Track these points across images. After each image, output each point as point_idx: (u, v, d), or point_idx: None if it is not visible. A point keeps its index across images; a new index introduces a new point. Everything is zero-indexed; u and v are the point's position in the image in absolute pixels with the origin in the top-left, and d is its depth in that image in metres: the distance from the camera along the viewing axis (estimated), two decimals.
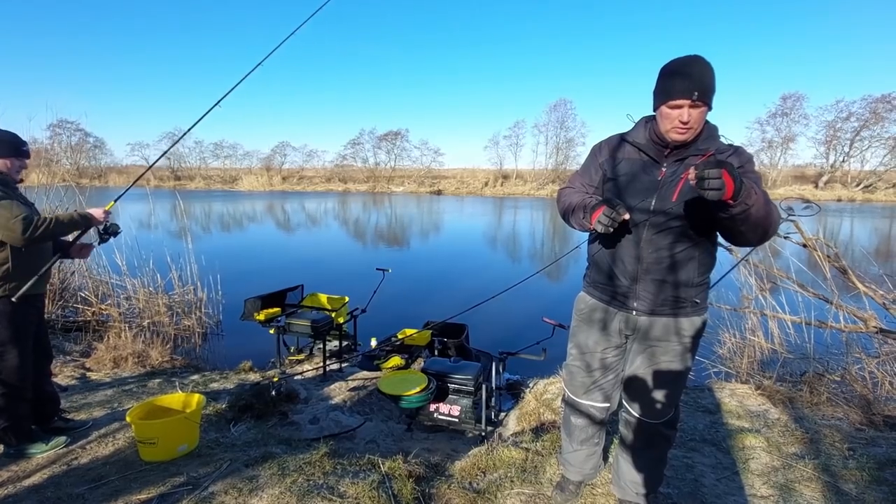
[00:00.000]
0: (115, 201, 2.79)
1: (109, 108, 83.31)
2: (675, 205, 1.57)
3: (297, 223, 20.00)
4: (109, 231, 2.68)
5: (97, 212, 2.55)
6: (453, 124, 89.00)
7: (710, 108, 1.53)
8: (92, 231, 2.71)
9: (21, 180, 2.60)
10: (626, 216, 1.55)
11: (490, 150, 64.89)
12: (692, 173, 1.32)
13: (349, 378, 4.35)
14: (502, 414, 3.66)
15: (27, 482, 2.24)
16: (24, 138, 2.61)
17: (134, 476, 2.27)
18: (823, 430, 2.69)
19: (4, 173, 2.44)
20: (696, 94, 1.46)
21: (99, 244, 2.78)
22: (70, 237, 2.69)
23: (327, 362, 4.55)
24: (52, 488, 2.18)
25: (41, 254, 2.49)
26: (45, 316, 4.64)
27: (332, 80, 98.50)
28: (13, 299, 2.33)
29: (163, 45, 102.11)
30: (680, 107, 1.49)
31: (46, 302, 5.09)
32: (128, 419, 2.48)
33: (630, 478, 1.93)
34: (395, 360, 4.15)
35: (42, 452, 2.50)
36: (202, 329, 5.96)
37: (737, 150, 1.60)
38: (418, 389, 3.04)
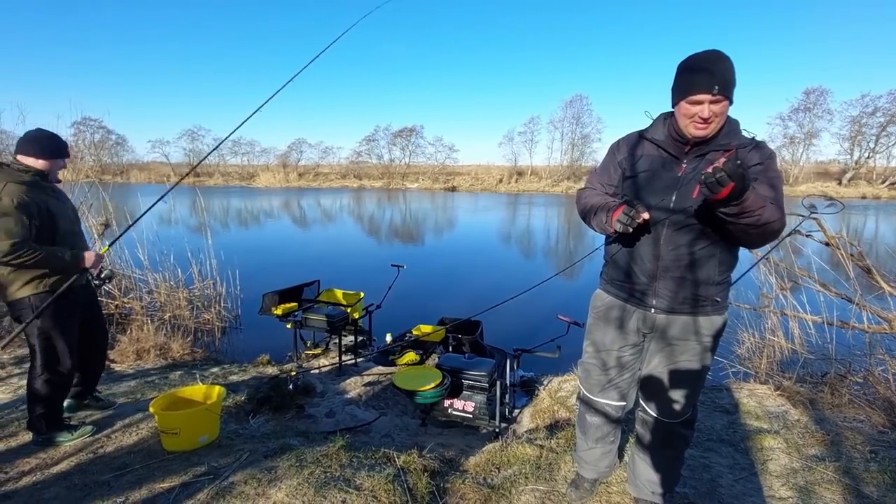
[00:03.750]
0: (109, 246, 2.83)
1: (131, 105, 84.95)
2: (695, 202, 1.54)
3: (313, 219, 20.20)
4: (102, 278, 2.72)
5: (89, 256, 2.51)
6: (468, 121, 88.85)
7: (731, 103, 1.50)
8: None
9: (59, 181, 2.66)
10: (646, 216, 1.53)
11: (505, 147, 64.68)
12: (720, 162, 1.29)
13: (364, 373, 4.40)
14: (516, 411, 3.66)
15: (55, 469, 2.32)
16: None
17: (157, 465, 2.34)
18: (845, 432, 2.64)
19: (45, 174, 2.48)
20: (716, 88, 1.43)
21: (99, 284, 2.79)
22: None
23: (343, 357, 4.60)
24: (79, 475, 2.25)
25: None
26: None
27: (347, 78, 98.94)
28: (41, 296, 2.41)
29: (181, 42, 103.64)
30: (700, 102, 1.47)
31: None
32: (151, 410, 2.55)
33: (646, 477, 1.92)
34: (410, 356, 4.18)
35: (68, 441, 2.58)
36: (221, 323, 6.07)
37: (758, 146, 1.57)
38: (433, 385, 3.06)
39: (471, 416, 3.27)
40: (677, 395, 1.74)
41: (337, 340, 4.74)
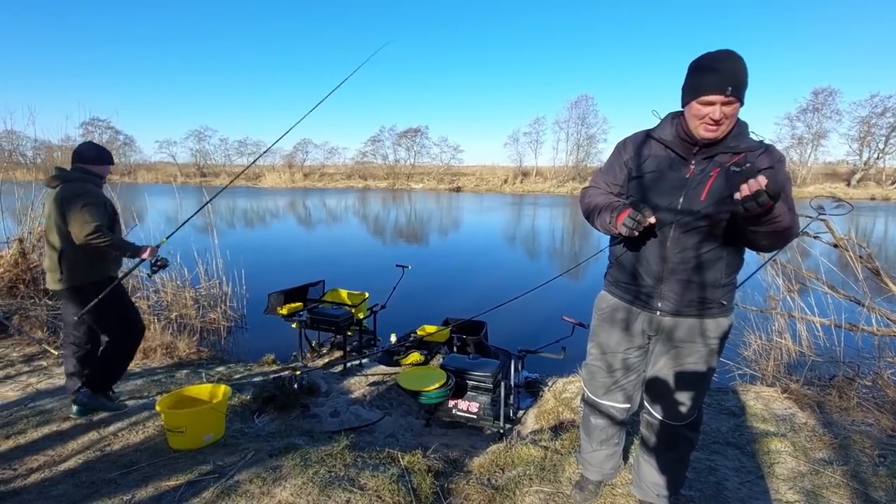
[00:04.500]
0: (167, 238, 3.19)
1: (138, 105, 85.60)
2: (703, 204, 1.52)
3: (318, 219, 20.27)
4: (157, 265, 3.09)
5: (148, 250, 2.97)
6: (473, 121, 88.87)
7: (742, 104, 1.48)
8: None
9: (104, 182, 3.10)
10: (652, 220, 1.52)
11: (510, 147, 64.69)
12: (756, 184, 1.25)
13: (369, 373, 4.40)
14: (521, 412, 3.66)
15: (63, 466, 2.34)
16: (60, 136, 2.86)
17: (163, 463, 2.35)
18: (853, 436, 2.61)
19: (101, 177, 2.96)
20: (729, 89, 1.41)
21: (149, 276, 3.20)
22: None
23: (348, 357, 4.62)
24: (87, 473, 2.27)
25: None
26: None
27: (352, 79, 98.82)
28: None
29: (186, 43, 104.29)
30: (712, 103, 1.45)
31: None
32: (157, 408, 2.57)
33: (651, 479, 1.91)
34: (415, 356, 4.18)
35: (109, 411, 2.88)
36: (227, 322, 6.10)
37: (768, 150, 1.54)
38: (437, 385, 3.06)
39: (475, 416, 3.27)
40: (683, 398, 1.73)
41: (342, 340, 4.76)
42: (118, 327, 2.94)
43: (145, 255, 2.95)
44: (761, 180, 1.25)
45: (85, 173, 2.85)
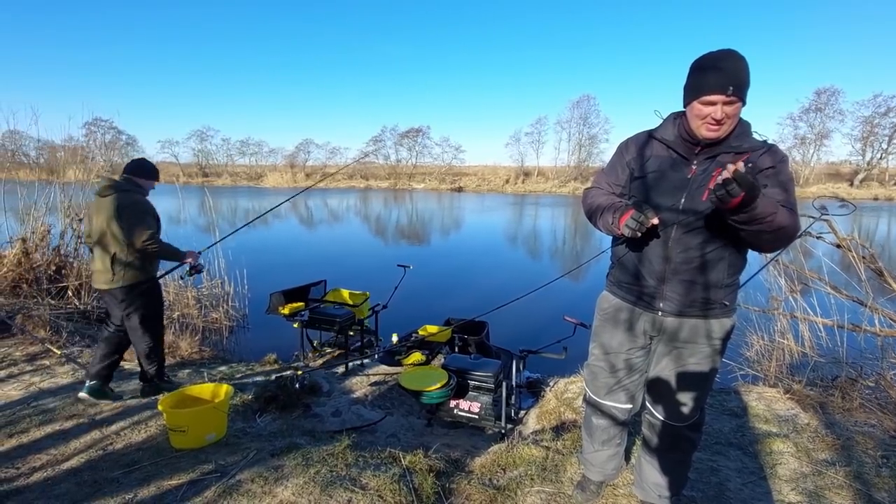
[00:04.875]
0: (209, 248, 3.77)
1: (140, 105, 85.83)
2: (705, 204, 1.52)
3: (320, 219, 20.29)
4: (195, 269, 3.46)
5: (192, 254, 3.39)
6: (475, 121, 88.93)
7: (744, 104, 1.48)
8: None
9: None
10: (655, 221, 1.51)
11: (511, 147, 64.50)
12: (727, 173, 1.26)
13: (370, 373, 4.41)
14: (522, 412, 3.65)
15: (65, 466, 2.34)
16: (63, 136, 2.96)
17: (165, 462, 2.36)
18: (856, 437, 2.61)
19: (148, 190, 3.31)
20: (731, 88, 1.41)
21: (189, 276, 3.56)
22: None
23: (349, 357, 4.62)
24: (89, 472, 2.28)
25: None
26: (82, 307, 4.90)
27: (354, 79, 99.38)
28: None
29: (187, 44, 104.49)
30: (713, 103, 1.45)
31: (83, 293, 5.35)
32: (159, 407, 2.57)
33: (653, 480, 1.91)
34: (416, 356, 4.18)
35: (170, 391, 3.14)
36: (229, 322, 6.11)
37: (770, 149, 1.54)
38: (439, 385, 3.06)
39: (476, 416, 3.27)
40: (685, 399, 1.72)
41: (343, 340, 4.76)
42: (159, 321, 3.35)
43: (189, 260, 3.35)
44: (730, 168, 1.24)
45: (134, 185, 3.18)
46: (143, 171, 3.26)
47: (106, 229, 3.01)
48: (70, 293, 5.38)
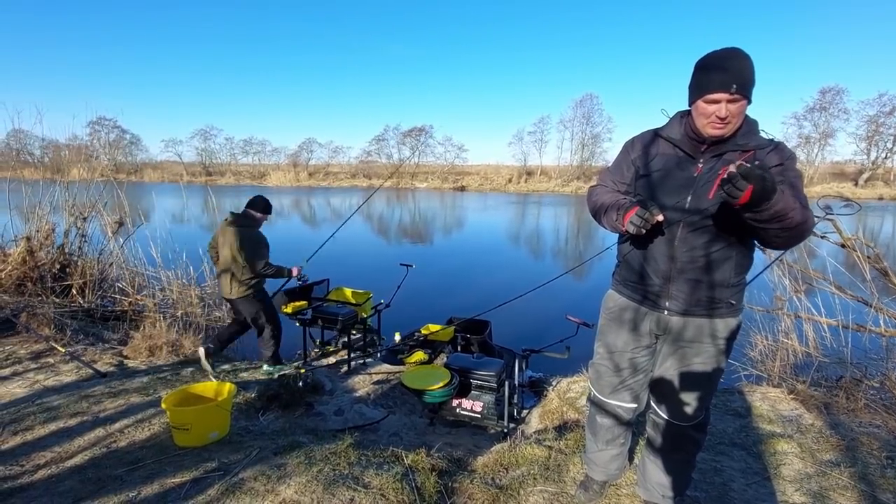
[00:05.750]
0: (307, 261, 4.63)
1: (144, 104, 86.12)
2: (711, 203, 1.51)
3: (322, 218, 20.32)
4: (301, 280, 4.50)
5: (295, 270, 4.34)
6: (477, 120, 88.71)
7: (749, 102, 1.47)
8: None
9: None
10: (660, 218, 1.50)
11: (514, 147, 63.95)
12: (733, 167, 1.25)
13: (373, 371, 4.41)
14: (524, 411, 3.65)
15: (69, 463, 2.35)
16: (68, 135, 3.01)
17: (168, 460, 2.37)
18: (860, 438, 2.59)
19: (262, 222, 4.19)
20: (734, 87, 1.40)
21: (300, 283, 4.63)
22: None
23: (352, 356, 4.62)
24: (93, 469, 2.29)
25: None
26: (86, 305, 4.93)
27: (356, 78, 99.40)
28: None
29: (190, 43, 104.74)
30: (717, 101, 1.44)
31: (86, 291, 5.37)
32: (163, 405, 2.58)
33: (656, 480, 1.90)
34: (419, 355, 4.18)
35: (287, 370, 3.98)
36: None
37: (777, 147, 1.53)
38: (441, 385, 3.06)
39: (479, 416, 3.27)
40: (689, 398, 1.72)
41: (346, 339, 4.76)
42: (269, 318, 4.22)
43: (294, 274, 4.29)
44: (736, 164, 1.23)
45: (252, 219, 4.09)
46: (257, 207, 4.12)
47: (230, 255, 3.92)
48: (74, 291, 5.40)
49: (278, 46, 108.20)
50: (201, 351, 3.98)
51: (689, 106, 1.57)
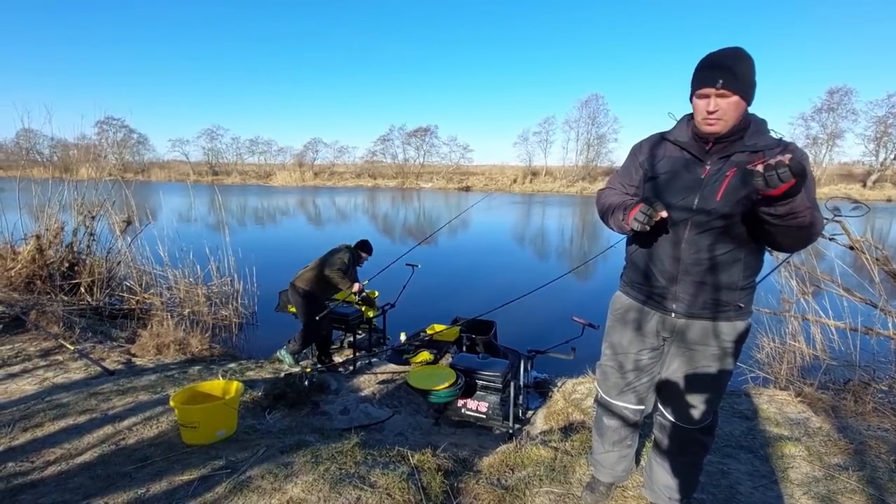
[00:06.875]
0: (368, 281, 4.81)
1: (152, 104, 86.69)
2: (719, 204, 1.51)
3: (328, 218, 20.36)
4: (363, 297, 4.82)
5: (357, 286, 4.53)
6: (482, 121, 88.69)
7: (746, 101, 1.47)
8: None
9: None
10: (664, 214, 1.51)
11: (519, 147, 64.19)
12: (785, 158, 1.18)
13: (378, 371, 4.42)
14: (530, 412, 3.65)
15: (79, 460, 2.38)
16: (76, 134, 3.00)
17: (176, 458, 2.39)
18: (869, 441, 2.57)
19: (364, 259, 4.85)
20: (720, 81, 1.42)
21: (358, 304, 4.97)
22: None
23: (357, 355, 4.64)
24: (102, 466, 2.31)
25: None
26: (94, 303, 4.99)
27: (362, 78, 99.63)
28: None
29: (196, 43, 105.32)
30: (706, 96, 1.47)
31: (95, 290, 5.43)
32: (171, 403, 2.60)
33: (663, 482, 1.90)
34: (424, 355, 4.19)
35: (332, 370, 4.32)
36: (238, 319, 6.16)
37: (787, 147, 1.50)
38: (447, 385, 3.07)
39: (484, 416, 3.27)
40: (696, 401, 1.71)
41: (351, 338, 4.78)
42: (318, 328, 4.51)
43: (354, 290, 4.52)
44: (787, 157, 1.18)
45: (356, 255, 4.73)
46: (365, 249, 4.82)
47: (317, 268, 4.56)
48: (83, 290, 5.45)
49: (284, 46, 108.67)
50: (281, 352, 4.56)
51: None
